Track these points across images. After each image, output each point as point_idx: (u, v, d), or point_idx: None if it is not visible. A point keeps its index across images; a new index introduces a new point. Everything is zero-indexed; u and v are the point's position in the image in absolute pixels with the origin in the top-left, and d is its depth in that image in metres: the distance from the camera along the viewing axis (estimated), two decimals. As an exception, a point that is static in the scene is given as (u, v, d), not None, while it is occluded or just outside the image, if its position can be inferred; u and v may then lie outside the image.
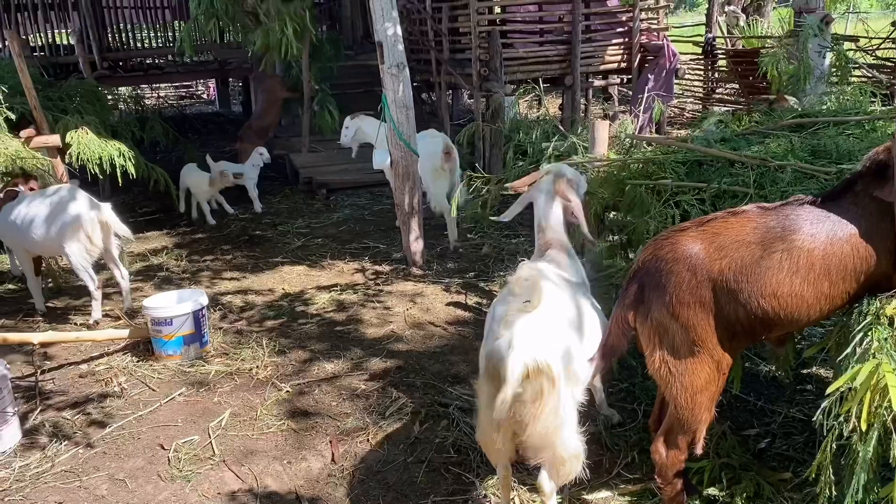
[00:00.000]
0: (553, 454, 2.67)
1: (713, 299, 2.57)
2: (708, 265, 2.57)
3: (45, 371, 4.79)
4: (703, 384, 2.67)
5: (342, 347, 4.95)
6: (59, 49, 12.81)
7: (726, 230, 2.60)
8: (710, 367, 2.65)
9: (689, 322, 2.60)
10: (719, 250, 2.57)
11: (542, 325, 2.60)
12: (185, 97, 20.82)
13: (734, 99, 12.87)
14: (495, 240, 7.16)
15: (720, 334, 2.61)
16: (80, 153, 6.56)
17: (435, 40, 11.03)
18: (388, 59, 6.00)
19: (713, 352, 2.63)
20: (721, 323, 2.60)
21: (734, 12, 15.24)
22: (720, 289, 2.56)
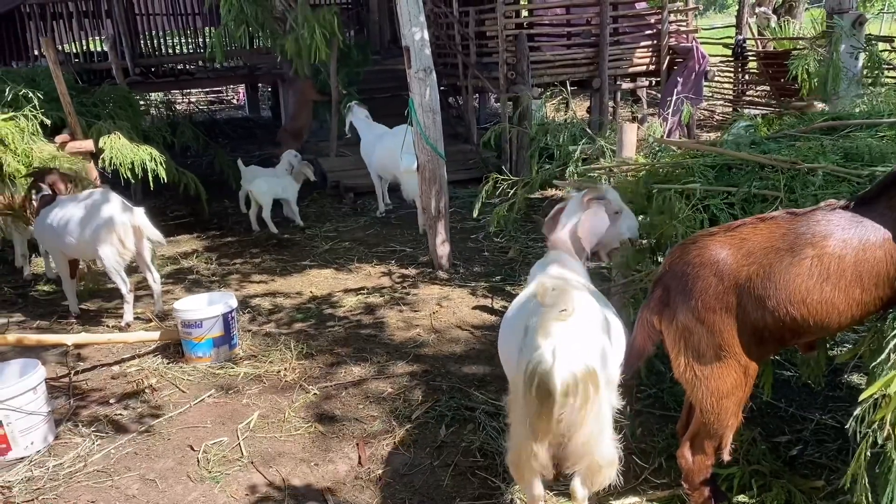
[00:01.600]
0: (591, 462, 2.65)
1: (740, 305, 2.55)
2: (735, 271, 2.55)
3: (79, 372, 4.88)
4: (730, 389, 2.65)
5: (369, 350, 4.98)
6: (93, 56, 13.06)
7: (755, 236, 2.58)
8: (736, 371, 2.63)
9: (715, 327, 2.58)
10: (747, 256, 2.55)
11: (580, 331, 2.57)
12: (215, 102, 21.10)
13: (765, 101, 12.71)
14: (522, 243, 7.14)
15: (747, 340, 2.59)
16: (113, 158, 6.67)
17: (462, 44, 11.05)
18: (416, 64, 6.03)
19: (740, 357, 2.61)
20: (748, 328, 2.57)
21: (765, 13, 15.05)
22: (747, 295, 2.53)
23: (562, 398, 2.43)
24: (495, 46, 10.00)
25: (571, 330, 2.51)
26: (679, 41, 10.82)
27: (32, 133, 6.27)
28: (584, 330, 2.62)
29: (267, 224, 8.18)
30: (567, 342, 2.46)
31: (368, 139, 8.59)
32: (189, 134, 9.65)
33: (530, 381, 2.47)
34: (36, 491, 3.57)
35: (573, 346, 2.48)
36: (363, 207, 9.06)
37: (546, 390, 2.43)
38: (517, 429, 2.66)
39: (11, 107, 6.59)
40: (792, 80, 8.68)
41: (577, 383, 2.45)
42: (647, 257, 4.04)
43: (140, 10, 14.07)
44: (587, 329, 2.66)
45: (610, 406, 2.71)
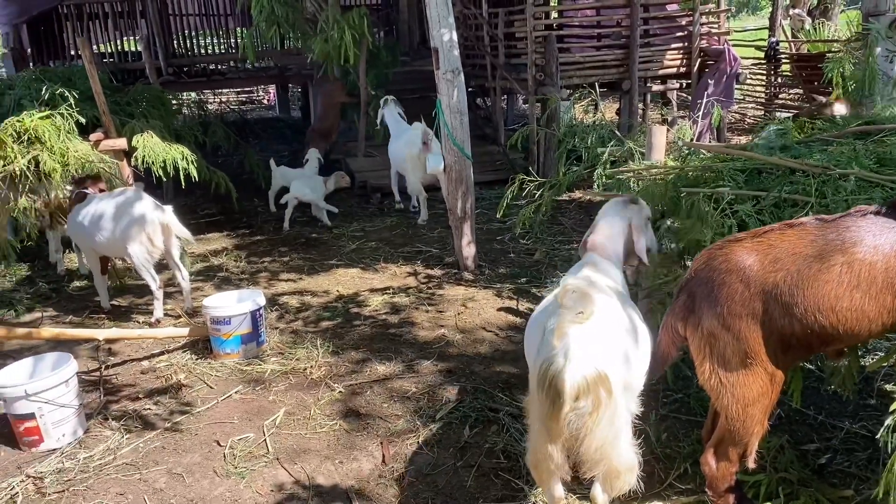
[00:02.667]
0: (608, 466, 2.63)
1: (766, 312, 2.52)
2: (762, 277, 2.52)
3: (109, 366, 4.97)
4: (756, 396, 2.62)
5: (394, 350, 5.00)
6: (127, 55, 13.29)
7: (782, 242, 2.55)
8: (762, 379, 2.60)
9: (741, 334, 2.56)
10: (774, 262, 2.52)
11: (597, 335, 2.54)
12: (246, 102, 21.32)
13: (797, 105, 12.53)
14: (548, 245, 7.12)
15: (773, 347, 2.56)
16: (146, 156, 6.77)
17: (490, 45, 11.05)
18: (444, 65, 6.04)
19: (766, 364, 2.58)
20: (774, 336, 2.54)
21: (799, 16, 14.84)
22: (774, 302, 2.51)
23: (570, 401, 2.42)
24: (524, 48, 9.98)
25: (588, 333, 2.49)
26: (710, 43, 10.71)
27: (68, 131, 6.38)
28: (603, 334, 2.59)
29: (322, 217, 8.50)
30: (582, 345, 2.45)
31: (392, 137, 8.76)
32: (220, 133, 9.76)
33: (542, 382, 2.48)
34: (67, 482, 3.65)
35: (588, 349, 2.46)
36: (389, 207, 9.10)
37: (556, 392, 2.43)
38: (534, 429, 2.69)
39: (48, 105, 6.72)
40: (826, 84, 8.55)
41: (588, 387, 2.43)
42: (674, 262, 4.02)
43: (173, 11, 14.28)
44: (606, 333, 2.62)
45: (628, 412, 2.68)
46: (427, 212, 8.39)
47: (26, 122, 6.08)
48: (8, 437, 4.05)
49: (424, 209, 8.40)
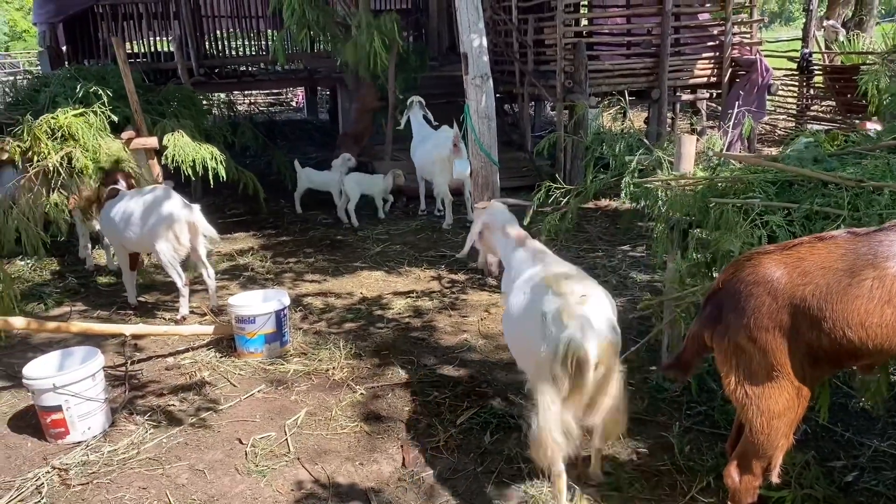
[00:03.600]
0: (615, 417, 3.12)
1: (794, 325, 2.48)
2: (790, 290, 2.49)
3: (135, 362, 5.03)
4: (782, 410, 2.58)
5: (416, 354, 5.00)
6: (160, 56, 13.46)
7: (812, 255, 2.51)
8: (789, 392, 2.56)
9: (768, 346, 2.52)
10: (803, 275, 2.49)
11: (597, 311, 3.05)
12: (275, 104, 21.50)
13: (830, 117, 12.37)
14: (573, 253, 7.09)
15: (801, 360, 2.53)
16: (176, 155, 6.85)
17: (520, 52, 11.04)
18: (473, 70, 6.05)
19: (792, 378, 2.54)
20: (802, 349, 2.51)
21: (833, 27, 14.65)
22: (802, 315, 2.47)
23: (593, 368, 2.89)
24: (553, 54, 9.96)
25: (592, 311, 3.02)
26: (742, 53, 10.61)
27: (100, 129, 6.48)
28: (600, 310, 3.09)
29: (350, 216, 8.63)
30: (593, 321, 2.96)
31: (416, 140, 8.79)
32: (249, 134, 9.85)
33: (564, 358, 2.87)
34: (91, 475, 3.69)
35: (597, 324, 2.97)
36: (414, 211, 9.12)
37: (581, 362, 2.87)
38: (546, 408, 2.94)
39: (82, 103, 6.83)
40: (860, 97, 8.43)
41: (604, 354, 2.93)
42: (702, 272, 3.98)
43: (206, 13, 14.44)
44: (601, 309, 3.11)
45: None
46: (452, 216, 8.39)
47: (60, 119, 6.19)
48: (35, 428, 4.12)
49: (449, 213, 8.41)
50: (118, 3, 13.36)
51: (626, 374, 3.28)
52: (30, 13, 31.86)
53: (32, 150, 6.10)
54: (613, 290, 6.04)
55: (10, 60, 26.96)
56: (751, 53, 10.58)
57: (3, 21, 40.84)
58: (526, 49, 10.77)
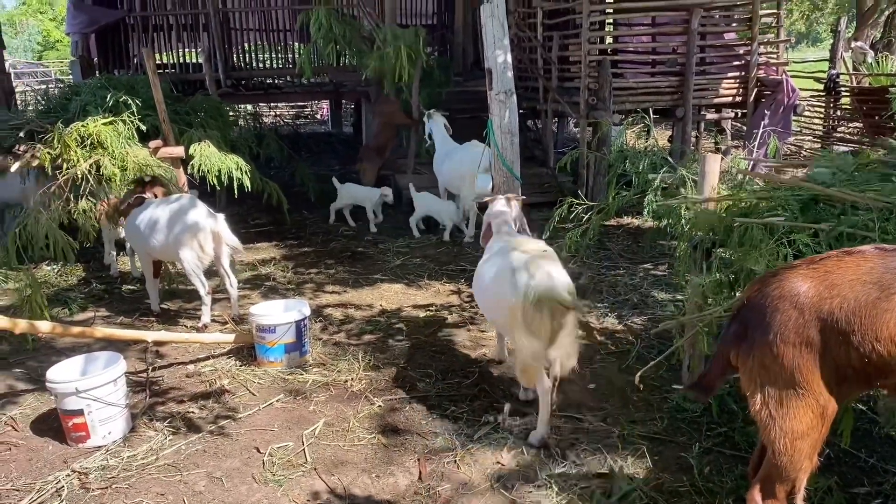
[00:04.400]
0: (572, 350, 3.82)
1: (822, 340, 2.44)
2: (817, 304, 2.45)
3: (156, 368, 5.07)
4: (805, 430, 2.54)
5: (435, 367, 5.00)
6: (189, 67, 13.66)
7: (839, 269, 2.48)
8: (814, 411, 2.52)
9: (794, 363, 2.48)
10: (830, 289, 2.45)
11: (555, 265, 3.97)
12: (300, 116, 21.70)
13: (857, 139, 12.24)
14: (594, 270, 7.06)
15: (827, 378, 2.48)
16: (202, 165, 6.94)
17: (544, 68, 11.07)
18: (497, 86, 6.07)
19: (818, 396, 2.50)
20: (829, 366, 2.46)
21: (861, 48, 14.53)
22: (830, 330, 2.43)
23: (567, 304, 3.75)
24: (578, 71, 9.97)
25: (552, 265, 3.93)
26: (768, 73, 10.55)
27: (129, 137, 6.59)
28: (557, 264, 4.00)
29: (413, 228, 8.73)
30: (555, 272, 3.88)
31: (440, 153, 8.78)
32: (274, 146, 9.94)
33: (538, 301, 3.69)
34: (110, 479, 3.72)
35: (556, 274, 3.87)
36: (435, 224, 9.14)
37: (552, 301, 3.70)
38: (524, 345, 3.75)
39: (112, 112, 6.95)
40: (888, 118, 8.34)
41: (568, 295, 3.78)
42: (725, 291, 3.94)
43: (235, 26, 14.67)
44: (558, 263, 4.02)
45: None
46: (474, 230, 8.40)
47: (90, 127, 6.30)
48: (57, 431, 4.16)
49: (472, 227, 8.42)
50: (149, 16, 13.61)
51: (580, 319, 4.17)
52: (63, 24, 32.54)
53: (62, 157, 6.21)
54: (634, 308, 6.01)
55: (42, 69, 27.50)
56: (777, 73, 10.52)
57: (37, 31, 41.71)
58: (550, 66, 10.79)
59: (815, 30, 38.14)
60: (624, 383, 4.63)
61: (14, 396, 4.70)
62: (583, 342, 4.06)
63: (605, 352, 5.17)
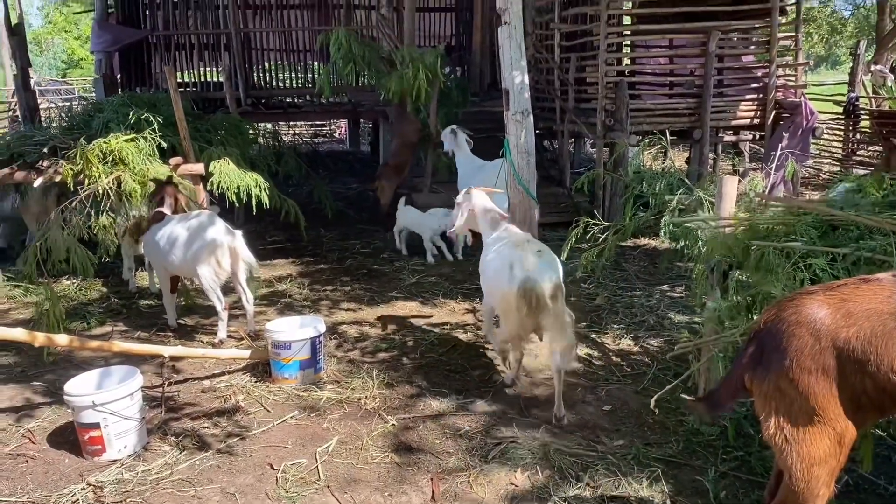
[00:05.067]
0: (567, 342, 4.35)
1: (838, 368, 2.43)
2: (834, 331, 2.44)
3: (172, 383, 5.10)
4: (823, 456, 2.51)
5: (449, 386, 4.99)
6: (210, 85, 13.85)
7: (856, 297, 2.47)
8: (830, 438, 2.49)
9: (810, 389, 2.47)
10: (847, 317, 2.44)
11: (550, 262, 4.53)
12: (318, 135, 21.89)
13: (876, 162, 12.15)
14: (611, 291, 7.04)
15: (844, 405, 2.46)
16: (221, 182, 7.00)
17: (561, 89, 11.12)
18: (514, 106, 6.11)
19: (835, 423, 2.48)
20: (845, 393, 2.45)
21: (881, 72, 14.47)
22: (846, 358, 2.42)
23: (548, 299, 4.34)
24: (594, 93, 10.00)
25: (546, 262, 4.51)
26: (786, 96, 10.53)
27: (149, 154, 6.67)
28: (552, 261, 4.56)
29: None
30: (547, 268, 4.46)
31: (468, 170, 8.73)
32: (292, 164, 10.02)
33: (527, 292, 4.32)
34: (125, 493, 3.74)
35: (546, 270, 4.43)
36: (451, 243, 9.14)
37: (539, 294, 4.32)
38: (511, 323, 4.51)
39: (133, 129, 7.04)
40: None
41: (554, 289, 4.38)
42: (741, 314, 3.92)
43: (255, 45, 14.86)
44: (553, 261, 4.58)
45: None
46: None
47: (112, 143, 6.39)
48: (73, 444, 4.19)
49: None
50: (171, 35, 13.83)
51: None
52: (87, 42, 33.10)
53: (84, 172, 6.30)
54: (650, 329, 5.98)
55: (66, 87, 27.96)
56: (795, 96, 10.50)
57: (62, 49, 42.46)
58: (567, 86, 10.84)
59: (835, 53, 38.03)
60: (639, 405, 4.60)
61: (32, 409, 4.74)
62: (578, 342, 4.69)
63: (621, 374, 5.15)
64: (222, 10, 13.87)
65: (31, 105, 11.94)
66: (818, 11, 26.61)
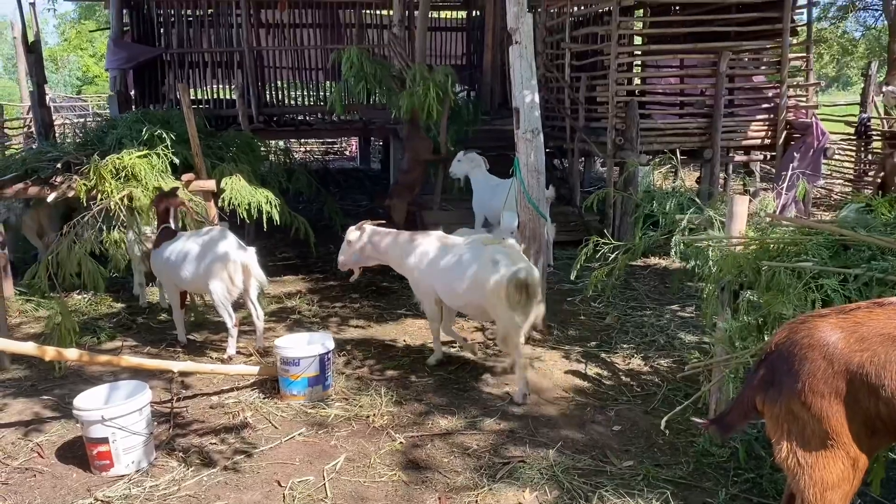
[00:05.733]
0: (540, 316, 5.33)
1: (851, 392, 2.41)
2: (847, 356, 2.42)
3: (181, 399, 5.10)
4: (836, 481, 2.48)
5: (457, 404, 4.97)
6: (222, 103, 13.95)
7: (870, 321, 2.45)
8: (844, 462, 2.46)
9: (823, 413, 2.44)
10: (860, 342, 2.42)
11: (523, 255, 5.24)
12: (329, 152, 22.00)
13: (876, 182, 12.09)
14: (620, 310, 7.01)
15: (857, 429, 2.43)
16: (233, 198, 7.05)
17: (571, 108, 11.14)
18: (524, 125, 6.13)
19: (848, 447, 2.45)
20: (859, 418, 2.42)
21: (893, 92, 14.45)
22: (859, 383, 2.39)
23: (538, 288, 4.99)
24: (605, 112, 10.02)
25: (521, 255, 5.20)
26: (798, 116, 10.52)
27: (162, 170, 6.73)
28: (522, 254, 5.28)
29: None
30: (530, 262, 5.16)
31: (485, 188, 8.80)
32: (303, 181, 10.07)
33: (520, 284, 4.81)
34: (132, 509, 3.73)
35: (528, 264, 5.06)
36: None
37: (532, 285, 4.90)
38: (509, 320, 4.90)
39: (146, 145, 7.11)
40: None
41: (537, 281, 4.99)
42: (752, 335, 3.90)
43: (268, 63, 14.97)
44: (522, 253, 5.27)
45: None
46: None
47: (125, 159, 6.46)
48: (81, 459, 4.19)
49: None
50: (185, 53, 13.97)
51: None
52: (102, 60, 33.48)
53: (97, 188, 6.35)
54: (661, 349, 5.94)
55: (80, 103, 28.27)
56: (806, 117, 10.49)
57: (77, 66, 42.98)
58: (577, 106, 10.86)
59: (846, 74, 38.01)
60: (649, 426, 4.57)
61: (41, 423, 4.76)
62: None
63: (631, 394, 5.11)
64: (235, 28, 14.00)
65: (47, 121, 12.07)
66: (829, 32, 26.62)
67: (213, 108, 13.53)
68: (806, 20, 10.62)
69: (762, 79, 11.04)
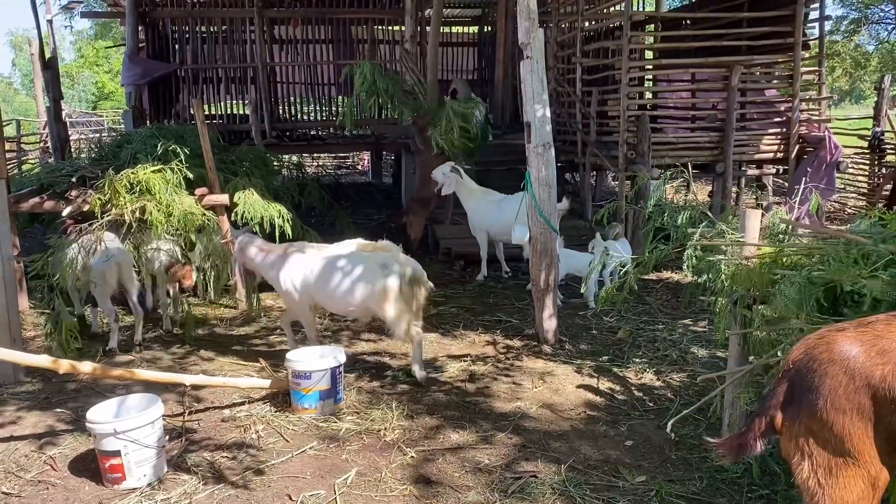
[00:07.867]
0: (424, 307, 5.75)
1: (873, 408, 2.36)
2: (868, 370, 2.37)
3: (193, 412, 5.11)
4: (856, 500, 2.43)
5: (469, 419, 4.95)
6: (236, 118, 14.09)
7: (890, 332, 2.41)
8: (864, 481, 2.41)
9: (844, 430, 2.39)
10: (881, 355, 2.37)
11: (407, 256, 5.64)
12: (341, 167, 22.12)
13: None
14: (632, 324, 6.98)
15: (879, 447, 2.38)
16: (246, 212, 7.09)
17: (582, 122, 11.16)
18: (535, 139, 6.14)
19: (870, 465, 2.40)
20: (881, 434, 2.37)
21: (906, 106, 14.38)
22: (881, 397, 2.35)
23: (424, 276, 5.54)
24: (616, 126, 10.03)
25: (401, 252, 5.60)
26: (810, 130, 10.48)
27: (176, 185, 6.78)
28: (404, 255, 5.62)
29: None
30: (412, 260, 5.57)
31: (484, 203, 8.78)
32: (315, 195, 10.11)
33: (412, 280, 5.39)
34: (143, 522, 3.73)
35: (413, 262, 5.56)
36: (471, 275, 9.15)
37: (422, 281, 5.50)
38: (402, 312, 5.41)
39: (161, 160, 7.17)
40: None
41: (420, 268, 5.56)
42: (767, 348, 3.87)
43: (281, 79, 15.13)
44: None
45: None
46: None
47: (140, 174, 6.51)
48: (93, 472, 4.20)
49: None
50: (199, 68, 14.13)
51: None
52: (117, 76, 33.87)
53: (111, 202, 6.41)
54: (673, 364, 5.91)
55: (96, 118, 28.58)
56: (819, 130, 10.45)
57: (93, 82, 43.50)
58: (589, 120, 10.88)
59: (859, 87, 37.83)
60: (662, 441, 4.53)
61: (54, 436, 4.77)
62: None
63: (643, 408, 5.08)
64: (249, 44, 14.16)
65: (62, 136, 12.22)
66: (842, 46, 26.57)
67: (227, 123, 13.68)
68: (818, 34, 10.61)
69: (774, 93, 11.03)
